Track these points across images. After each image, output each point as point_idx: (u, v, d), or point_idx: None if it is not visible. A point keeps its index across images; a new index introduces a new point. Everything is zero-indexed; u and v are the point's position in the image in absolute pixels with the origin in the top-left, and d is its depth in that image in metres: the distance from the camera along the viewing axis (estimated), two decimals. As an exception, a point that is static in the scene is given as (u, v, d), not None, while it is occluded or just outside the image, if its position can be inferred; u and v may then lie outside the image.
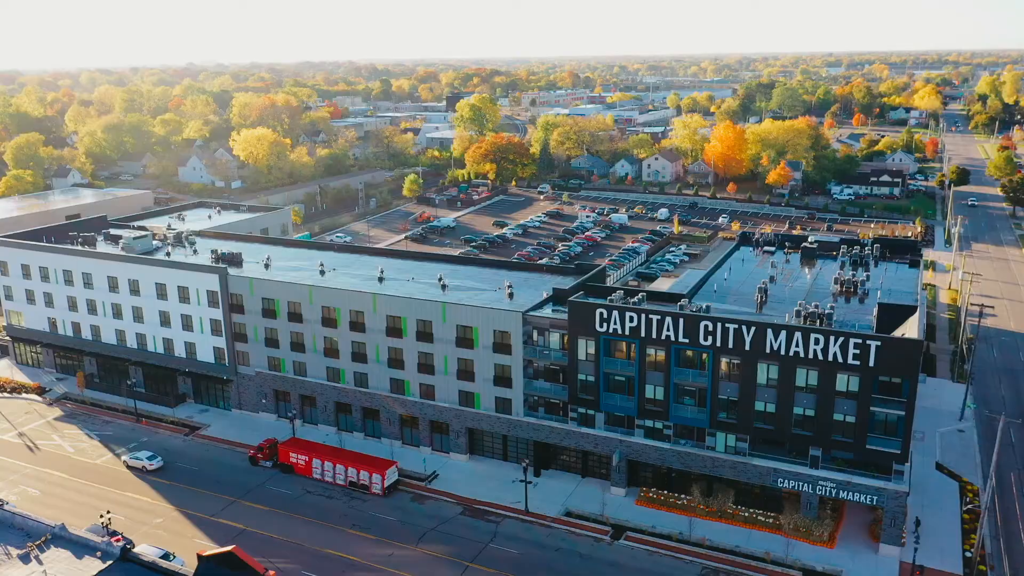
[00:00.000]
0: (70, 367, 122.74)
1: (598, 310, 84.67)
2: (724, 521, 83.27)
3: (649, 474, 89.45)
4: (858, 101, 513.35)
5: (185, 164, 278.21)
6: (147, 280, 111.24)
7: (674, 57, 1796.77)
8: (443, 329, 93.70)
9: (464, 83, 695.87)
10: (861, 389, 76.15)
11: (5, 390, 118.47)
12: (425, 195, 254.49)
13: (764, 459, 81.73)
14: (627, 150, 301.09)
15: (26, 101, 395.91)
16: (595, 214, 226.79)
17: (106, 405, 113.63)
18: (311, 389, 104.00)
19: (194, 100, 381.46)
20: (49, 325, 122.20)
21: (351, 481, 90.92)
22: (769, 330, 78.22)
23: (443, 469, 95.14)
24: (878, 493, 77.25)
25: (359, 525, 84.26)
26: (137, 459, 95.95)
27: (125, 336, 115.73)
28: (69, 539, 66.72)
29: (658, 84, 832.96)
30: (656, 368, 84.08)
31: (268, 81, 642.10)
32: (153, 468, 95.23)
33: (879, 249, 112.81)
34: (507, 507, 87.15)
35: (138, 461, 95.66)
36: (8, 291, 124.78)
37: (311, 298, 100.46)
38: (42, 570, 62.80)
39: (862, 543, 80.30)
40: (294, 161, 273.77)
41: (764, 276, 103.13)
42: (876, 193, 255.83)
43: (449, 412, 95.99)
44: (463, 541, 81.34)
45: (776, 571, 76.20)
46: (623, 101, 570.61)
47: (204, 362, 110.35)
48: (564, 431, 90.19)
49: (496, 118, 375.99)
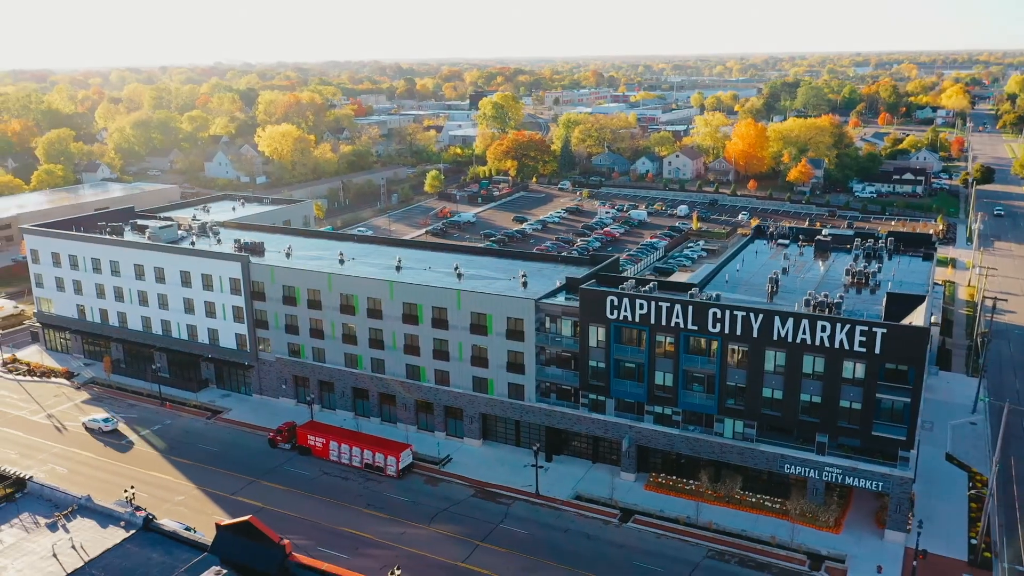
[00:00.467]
0: (97, 353, 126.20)
1: (609, 297, 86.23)
2: (731, 506, 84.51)
3: (659, 460, 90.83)
4: (884, 100, 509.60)
5: (211, 160, 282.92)
6: (172, 268, 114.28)
7: (699, 57, 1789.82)
8: (458, 316, 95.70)
9: (488, 82, 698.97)
10: (867, 376, 77.09)
11: (35, 374, 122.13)
12: (446, 191, 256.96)
13: (771, 445, 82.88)
14: (648, 148, 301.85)
15: (57, 99, 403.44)
16: (614, 210, 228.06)
17: (131, 389, 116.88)
18: (329, 375, 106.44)
19: (220, 97, 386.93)
20: (77, 312, 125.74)
21: (367, 463, 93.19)
22: (776, 317, 79.38)
23: (457, 453, 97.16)
24: (883, 479, 78.13)
25: (373, 505, 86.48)
26: (94, 422, 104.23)
27: (150, 322, 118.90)
28: (94, 510, 69.46)
29: (682, 83, 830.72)
30: (665, 355, 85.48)
31: (294, 80, 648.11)
32: (108, 430, 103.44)
33: (893, 242, 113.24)
34: (518, 490, 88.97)
35: (95, 424, 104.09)
36: (39, 279, 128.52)
37: (330, 285, 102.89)
38: (68, 538, 65.49)
39: (868, 529, 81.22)
40: (318, 157, 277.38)
41: (777, 268, 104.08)
42: (899, 191, 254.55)
43: (463, 398, 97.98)
44: (473, 521, 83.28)
45: (781, 554, 77.36)
46: (646, 100, 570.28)
47: (226, 348, 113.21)
48: (575, 417, 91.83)
49: (518, 116, 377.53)
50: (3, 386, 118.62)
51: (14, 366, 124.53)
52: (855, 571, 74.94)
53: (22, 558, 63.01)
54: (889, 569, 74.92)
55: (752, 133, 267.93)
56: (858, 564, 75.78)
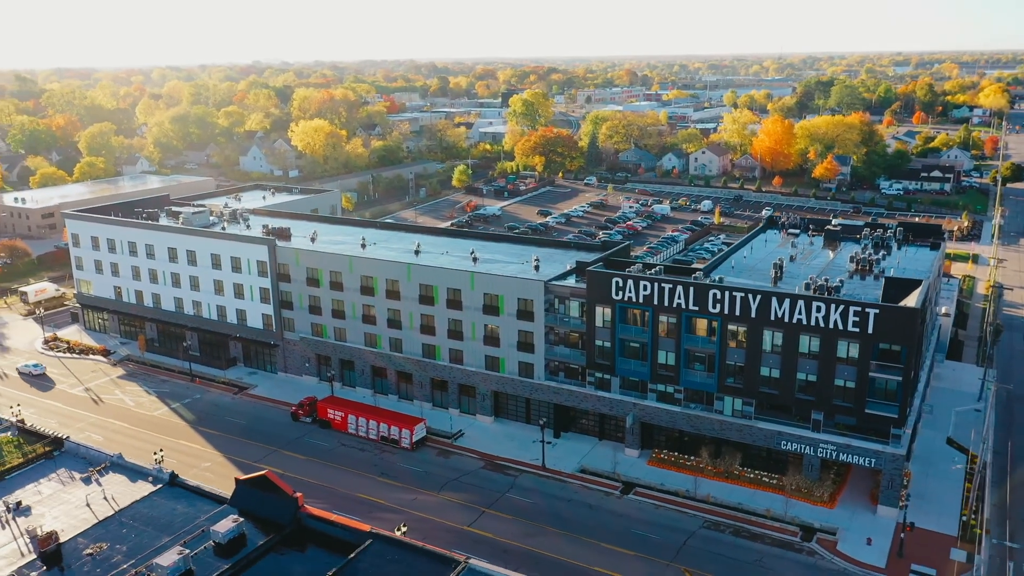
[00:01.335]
0: (132, 332, 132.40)
1: (614, 279, 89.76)
2: (730, 482, 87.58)
3: (662, 437, 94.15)
4: (920, 99, 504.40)
5: (246, 154, 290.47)
6: (203, 251, 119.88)
7: (736, 56, 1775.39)
8: (471, 297, 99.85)
9: (521, 80, 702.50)
10: (861, 355, 79.76)
11: (75, 351, 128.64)
12: (473, 185, 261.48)
13: (768, 423, 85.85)
14: (675, 144, 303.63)
15: (100, 95, 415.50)
16: (638, 205, 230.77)
17: (164, 366, 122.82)
18: (350, 354, 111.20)
19: (256, 94, 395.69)
20: (114, 293, 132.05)
21: (382, 436, 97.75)
22: (774, 298, 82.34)
23: (469, 429, 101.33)
24: (876, 456, 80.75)
25: (387, 474, 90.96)
26: (26, 368, 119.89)
27: (182, 303, 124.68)
28: (125, 466, 74.78)
29: (717, 82, 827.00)
30: (668, 335, 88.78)
31: (330, 78, 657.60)
32: (37, 373, 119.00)
33: (901, 232, 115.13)
34: (526, 463, 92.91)
35: (27, 369, 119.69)
36: (79, 262, 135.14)
37: (351, 268, 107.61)
38: (101, 490, 70.79)
39: (862, 505, 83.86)
40: (349, 152, 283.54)
41: (784, 255, 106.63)
42: (926, 188, 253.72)
43: (476, 376, 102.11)
44: (481, 491, 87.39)
45: (774, 526, 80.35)
46: (679, 99, 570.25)
47: (253, 328, 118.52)
48: (582, 394, 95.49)
49: (548, 113, 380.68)
50: (44, 362, 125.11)
51: (55, 344, 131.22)
52: (845, 543, 77.71)
53: (58, 507, 68.33)
54: (878, 542, 77.57)
55: (779, 130, 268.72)
56: (849, 536, 78.57)
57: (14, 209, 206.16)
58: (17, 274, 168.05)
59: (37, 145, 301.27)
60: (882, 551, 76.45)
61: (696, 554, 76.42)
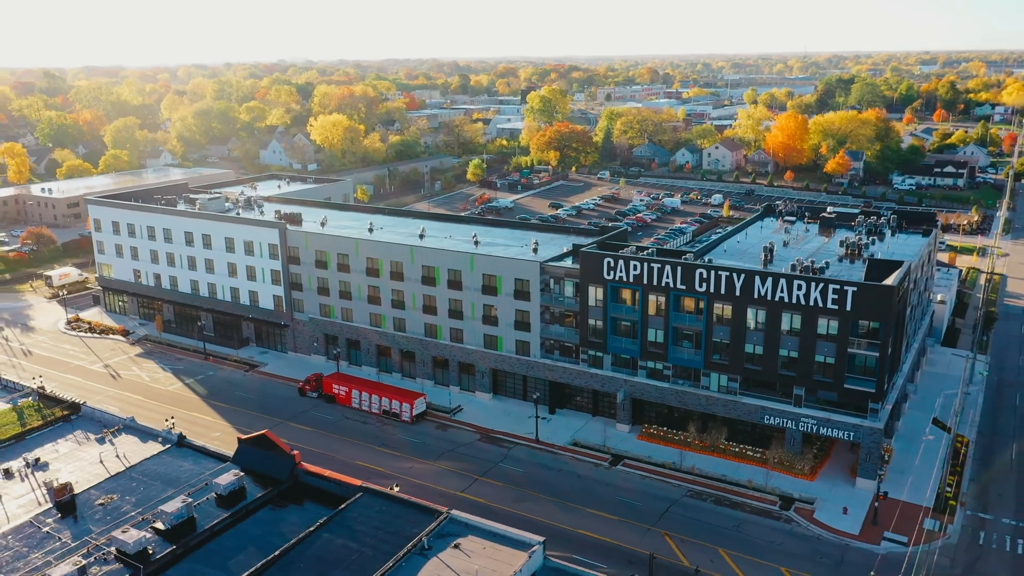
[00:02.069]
0: (150, 314, 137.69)
1: (606, 259, 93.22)
2: (716, 455, 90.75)
3: (653, 413, 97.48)
4: (941, 97, 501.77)
5: (266, 148, 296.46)
6: (218, 235, 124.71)
7: (761, 56, 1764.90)
8: (471, 278, 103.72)
9: (542, 79, 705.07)
10: (840, 332, 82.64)
11: (95, 332, 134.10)
12: (487, 179, 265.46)
13: (752, 398, 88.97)
14: (690, 140, 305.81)
15: (126, 91, 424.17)
16: (648, 198, 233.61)
17: (180, 346, 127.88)
18: (356, 333, 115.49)
19: (278, 90, 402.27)
20: (134, 276, 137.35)
21: (384, 410, 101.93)
22: (757, 277, 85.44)
23: (468, 405, 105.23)
24: (855, 429, 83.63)
25: (387, 444, 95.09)
26: None
27: (198, 286, 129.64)
28: (137, 428, 79.41)
29: (739, 81, 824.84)
30: (657, 313, 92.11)
31: (352, 75, 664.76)
32: None
33: (895, 220, 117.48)
34: (520, 436, 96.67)
35: None
36: (100, 246, 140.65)
37: (357, 250, 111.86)
38: (113, 449, 75.43)
39: (842, 478, 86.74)
40: (367, 146, 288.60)
41: (778, 241, 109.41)
42: (939, 184, 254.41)
43: (475, 354, 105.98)
44: (476, 460, 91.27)
45: (755, 496, 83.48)
46: (698, 96, 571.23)
47: (265, 309, 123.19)
48: (575, 372, 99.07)
49: (565, 110, 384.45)
50: (67, 341, 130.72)
51: (77, 324, 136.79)
52: (822, 512, 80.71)
53: (74, 463, 73.02)
54: (854, 511, 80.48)
55: (792, 125, 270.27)
56: (826, 506, 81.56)
57: (41, 199, 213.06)
58: (43, 260, 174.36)
59: (64, 139, 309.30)
60: (857, 520, 79.36)
61: (678, 520, 79.74)
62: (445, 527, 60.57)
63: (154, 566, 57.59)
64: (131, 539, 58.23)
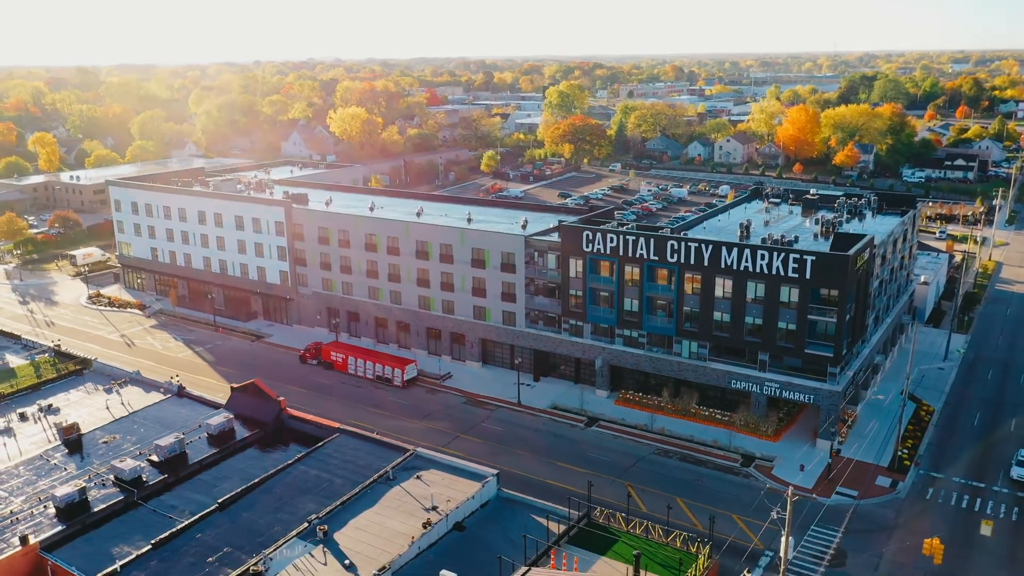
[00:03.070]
0: (166, 290, 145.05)
1: (585, 232, 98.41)
2: (687, 419, 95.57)
3: (631, 380, 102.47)
4: (965, 94, 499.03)
5: (287, 140, 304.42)
6: (228, 214, 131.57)
7: (790, 55, 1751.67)
8: (461, 252, 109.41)
9: (566, 76, 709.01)
10: (800, 300, 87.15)
11: (114, 306, 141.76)
12: (500, 170, 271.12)
13: (721, 364, 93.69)
14: (704, 134, 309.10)
15: (156, 87, 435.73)
16: (656, 188, 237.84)
17: (192, 319, 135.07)
18: (355, 306, 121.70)
19: (301, 84, 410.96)
20: (151, 254, 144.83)
21: (377, 375, 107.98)
22: (723, 247, 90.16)
23: (458, 373, 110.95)
24: (814, 392, 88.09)
25: (378, 406, 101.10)
26: None
27: (210, 262, 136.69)
28: (142, 381, 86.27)
29: (765, 79, 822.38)
30: (633, 284, 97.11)
31: (378, 73, 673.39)
32: None
33: (876, 201, 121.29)
34: (504, 400, 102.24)
35: None
36: (120, 225, 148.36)
37: (356, 227, 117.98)
38: (119, 398, 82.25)
39: (804, 440, 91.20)
40: (385, 139, 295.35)
41: (759, 220, 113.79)
42: (949, 177, 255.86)
43: (465, 324, 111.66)
44: (460, 420, 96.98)
45: (719, 454, 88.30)
46: (721, 94, 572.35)
47: (272, 283, 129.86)
48: (558, 340, 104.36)
49: (583, 104, 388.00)
50: (88, 314, 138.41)
51: (97, 299, 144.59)
52: (780, 469, 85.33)
53: (82, 409, 79.85)
54: (811, 468, 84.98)
55: (803, 118, 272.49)
56: (785, 464, 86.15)
57: (69, 185, 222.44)
58: (69, 242, 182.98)
59: (94, 131, 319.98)
60: (813, 476, 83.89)
61: (643, 474, 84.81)
62: (411, 462, 66.37)
63: (147, 491, 64.00)
64: (127, 467, 64.70)
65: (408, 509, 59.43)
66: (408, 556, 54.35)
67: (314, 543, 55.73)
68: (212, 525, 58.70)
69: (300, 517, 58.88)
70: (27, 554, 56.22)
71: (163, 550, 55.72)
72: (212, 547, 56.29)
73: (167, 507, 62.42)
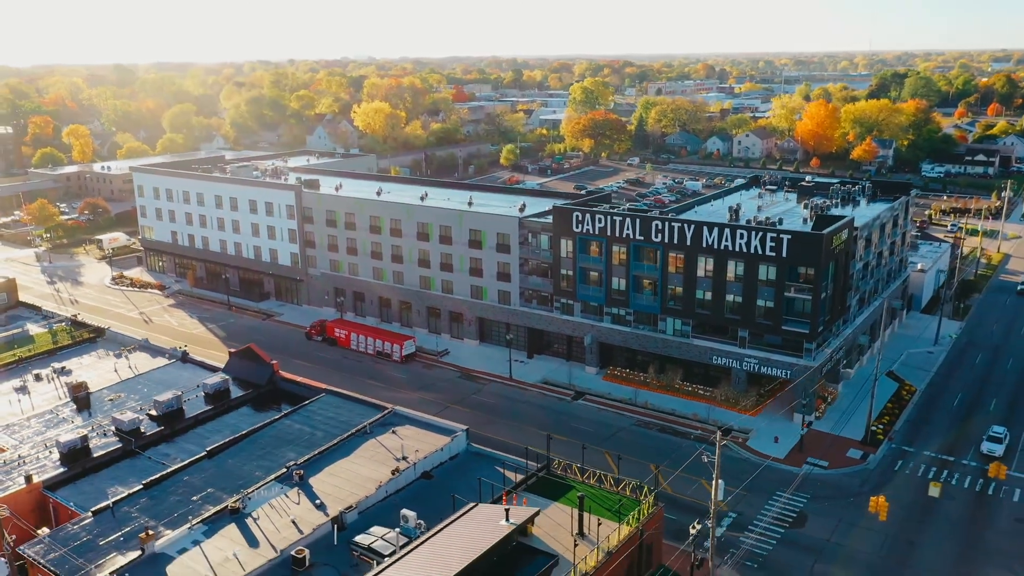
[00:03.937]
0: (185, 272, 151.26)
1: (575, 213, 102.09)
2: (671, 394, 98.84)
3: (620, 357, 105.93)
4: (998, 91, 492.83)
5: (312, 134, 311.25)
6: (243, 198, 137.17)
7: (827, 53, 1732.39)
8: (459, 233, 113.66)
9: (595, 74, 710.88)
10: (778, 278, 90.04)
11: (136, 286, 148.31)
12: (519, 163, 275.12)
13: (703, 340, 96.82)
14: (724, 129, 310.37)
15: (190, 83, 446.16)
16: (671, 181, 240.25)
17: (208, 299, 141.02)
18: (361, 286, 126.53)
19: (329, 80, 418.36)
20: (171, 237, 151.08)
21: (378, 351, 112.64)
22: (705, 227, 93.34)
23: (456, 350, 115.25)
24: (790, 368, 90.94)
25: (377, 379, 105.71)
26: None
27: (226, 245, 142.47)
28: (149, 347, 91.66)
29: (797, 78, 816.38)
30: (620, 263, 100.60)
31: (408, 70, 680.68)
32: None
33: (870, 189, 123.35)
34: (496, 375, 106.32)
35: None
36: (143, 210, 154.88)
37: (362, 210, 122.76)
38: (127, 362, 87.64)
39: (781, 415, 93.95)
40: (408, 133, 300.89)
41: (751, 205, 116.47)
42: (969, 172, 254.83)
43: (463, 303, 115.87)
44: (453, 392, 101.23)
45: (698, 427, 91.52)
46: (750, 91, 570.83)
47: (283, 265, 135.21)
48: (550, 318, 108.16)
49: (607, 101, 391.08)
50: (111, 294, 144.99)
51: (120, 280, 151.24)
52: (755, 440, 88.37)
53: (93, 372, 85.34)
54: (784, 440, 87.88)
55: (822, 113, 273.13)
56: (760, 436, 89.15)
57: (100, 175, 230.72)
58: (97, 228, 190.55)
59: (127, 124, 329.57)
60: (786, 447, 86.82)
61: (621, 443, 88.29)
62: (388, 419, 70.73)
63: (144, 440, 69.09)
64: (127, 418, 69.80)
65: (380, 459, 63.73)
66: (376, 498, 58.59)
67: (290, 486, 60.22)
68: (200, 470, 63.47)
69: (280, 464, 63.44)
70: (31, 491, 61.45)
71: (153, 490, 60.57)
72: (198, 488, 61.03)
73: (162, 455, 67.40)
